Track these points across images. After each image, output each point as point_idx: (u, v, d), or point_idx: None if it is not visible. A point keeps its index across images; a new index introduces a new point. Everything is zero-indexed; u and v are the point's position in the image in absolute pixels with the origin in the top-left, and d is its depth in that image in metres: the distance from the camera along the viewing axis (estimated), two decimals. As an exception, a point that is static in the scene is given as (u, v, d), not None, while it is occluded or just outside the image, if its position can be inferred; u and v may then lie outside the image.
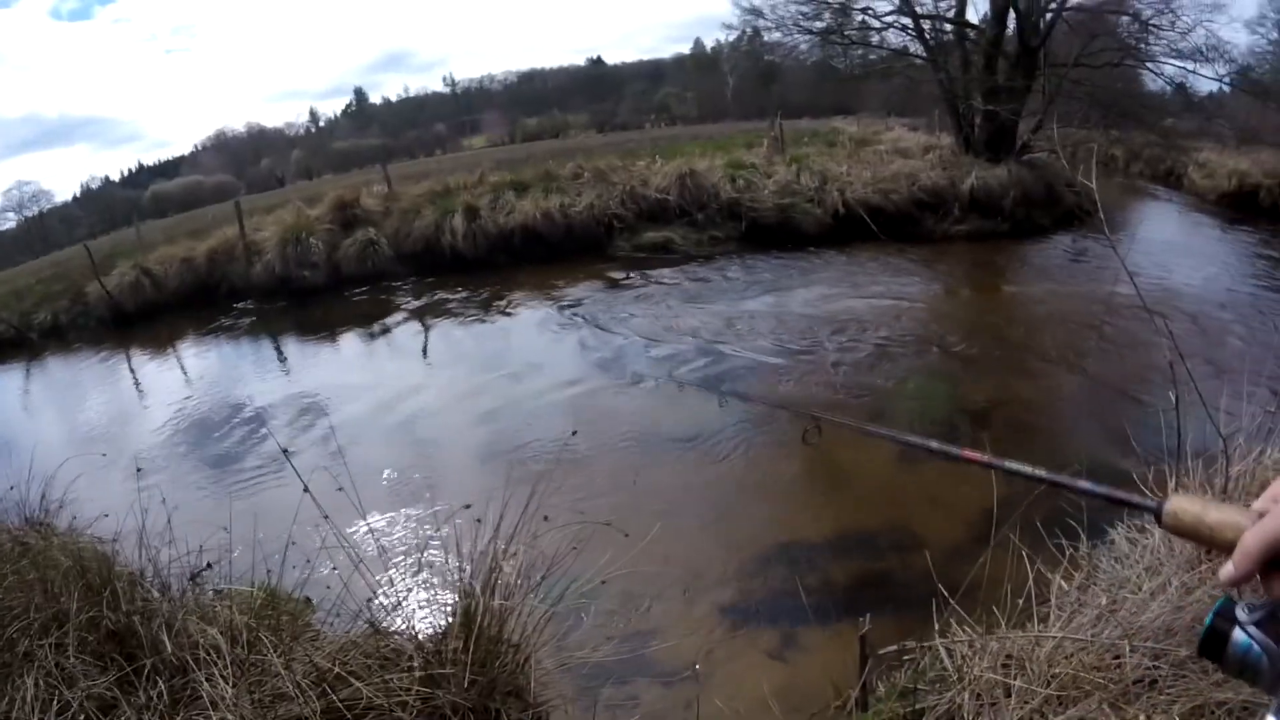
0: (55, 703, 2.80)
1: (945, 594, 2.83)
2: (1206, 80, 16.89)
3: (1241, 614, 0.78)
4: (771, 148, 17.00)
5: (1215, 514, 0.80)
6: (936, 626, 2.85)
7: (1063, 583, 2.89)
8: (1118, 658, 2.43)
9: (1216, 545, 0.79)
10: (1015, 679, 2.47)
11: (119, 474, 6.62)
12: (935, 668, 2.82)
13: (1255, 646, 0.77)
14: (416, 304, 12.90)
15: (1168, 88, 17.79)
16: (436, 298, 13.02)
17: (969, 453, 1.13)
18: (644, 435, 6.62)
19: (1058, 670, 2.45)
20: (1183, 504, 0.83)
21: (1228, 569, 0.77)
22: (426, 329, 11.48)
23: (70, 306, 15.47)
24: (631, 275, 12.75)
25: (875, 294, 10.75)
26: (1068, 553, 3.10)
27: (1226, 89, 18.28)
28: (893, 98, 24.27)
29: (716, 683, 3.73)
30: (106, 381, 11.61)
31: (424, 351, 10.73)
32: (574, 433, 5.89)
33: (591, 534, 4.12)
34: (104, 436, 8.48)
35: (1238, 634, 0.78)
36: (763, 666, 3.83)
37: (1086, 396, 6.99)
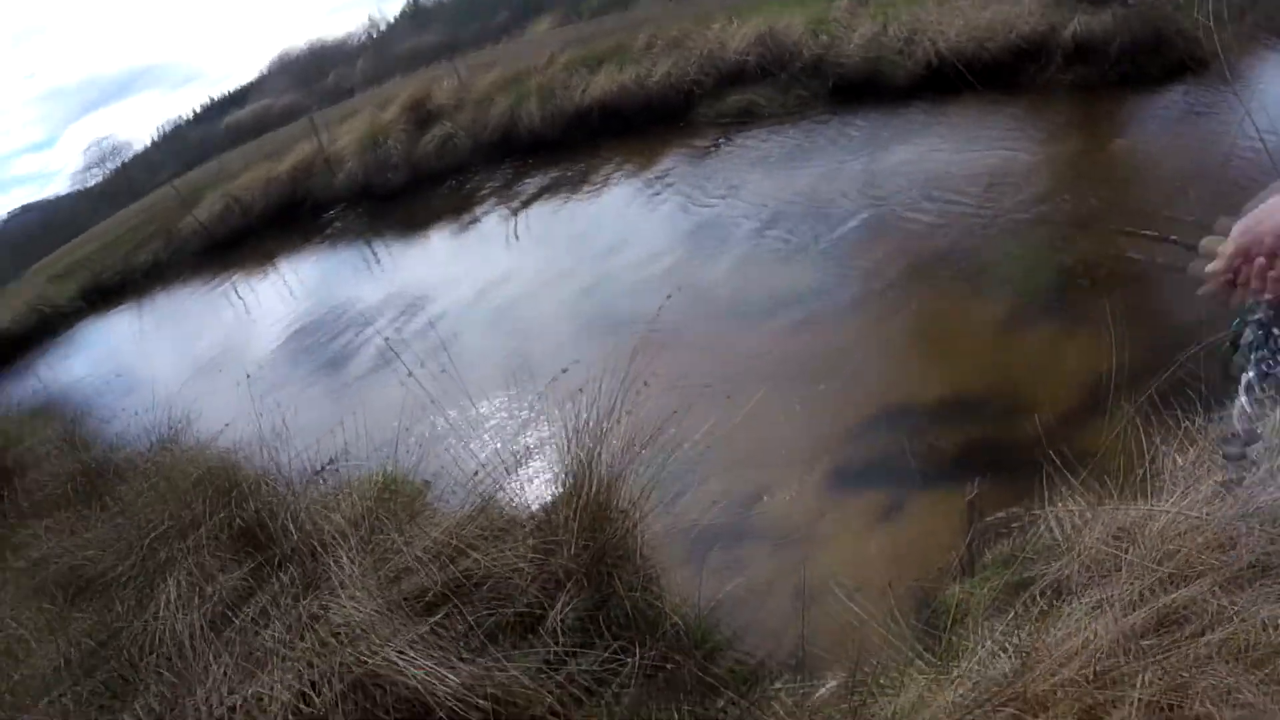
0: (197, 598, 2.93)
1: (1056, 462, 2.73)
2: None
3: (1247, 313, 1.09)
4: (854, 1, 16.09)
5: (1216, 244, 1.02)
6: (1046, 495, 2.75)
7: (1177, 457, 2.68)
8: (1232, 539, 2.28)
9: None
10: (1127, 553, 2.35)
11: (236, 387, 6.84)
12: (1043, 537, 2.74)
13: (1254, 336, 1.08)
14: (501, 192, 12.82)
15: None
16: (519, 183, 12.91)
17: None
18: (741, 301, 6.48)
19: (1170, 547, 2.33)
20: (1209, 240, 1.05)
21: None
22: (513, 215, 11.40)
23: (166, 245, 16.08)
24: (715, 142, 12.32)
25: (973, 149, 10.09)
26: (1184, 425, 2.85)
27: None
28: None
29: (821, 546, 3.69)
30: (212, 307, 12.05)
31: (513, 237, 10.66)
32: (669, 296, 5.78)
33: (694, 399, 4.07)
34: (219, 355, 8.81)
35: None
36: (868, 530, 3.76)
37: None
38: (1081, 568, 2.46)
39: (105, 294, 16.02)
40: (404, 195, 14.16)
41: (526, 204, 11.69)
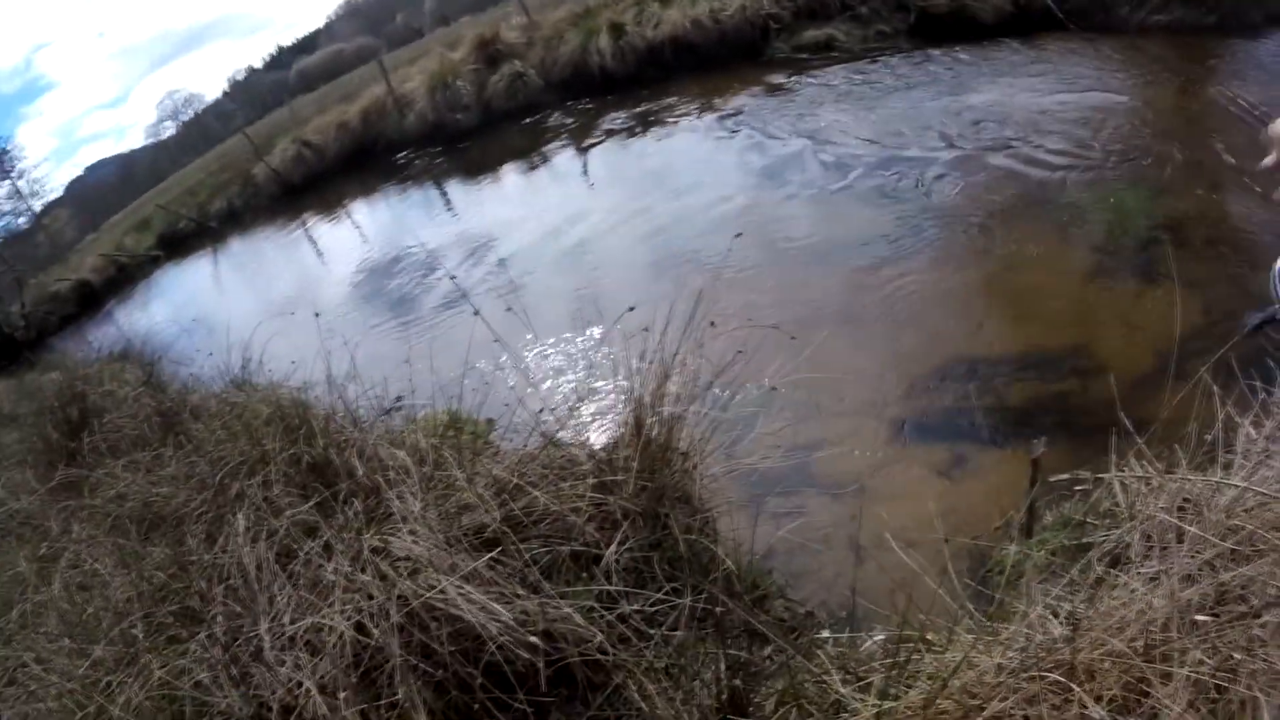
0: (265, 531, 2.99)
1: (1126, 425, 2.59)
2: None
3: None
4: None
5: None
6: (1114, 459, 2.61)
7: (1251, 430, 2.51)
8: None
9: None
10: (1190, 524, 2.23)
11: (307, 328, 6.96)
12: (1105, 503, 2.65)
13: None
14: (571, 130, 12.74)
15: None
16: (591, 121, 12.77)
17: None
18: (812, 243, 6.33)
19: (1235, 523, 2.21)
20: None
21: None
22: (584, 154, 11.35)
23: (241, 191, 16.46)
24: (792, 79, 11.92)
25: (1061, 92, 9.59)
26: (1260, 397, 2.69)
27: None
28: None
29: (881, 496, 3.62)
30: (286, 251, 12.30)
31: (584, 177, 10.64)
32: (738, 235, 5.68)
33: (760, 342, 3.98)
34: (292, 298, 9.00)
35: None
36: (929, 483, 3.68)
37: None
38: (1142, 537, 2.37)
39: (182, 241, 16.51)
40: (475, 135, 14.19)
41: (598, 143, 11.60)
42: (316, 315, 5.45)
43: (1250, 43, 12.16)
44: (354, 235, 11.42)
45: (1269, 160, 0.69)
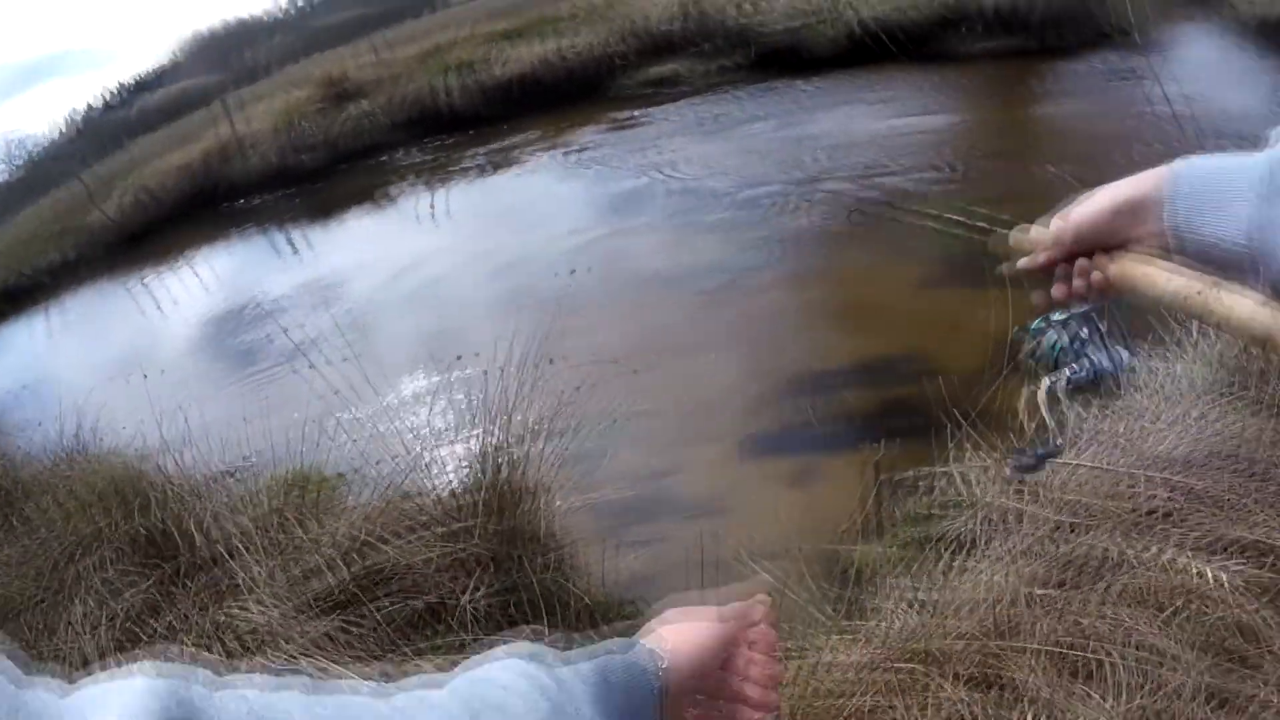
0: (104, 616, 2.88)
1: (960, 419, 2.82)
2: None
3: (1054, 316, 0.97)
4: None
5: (1030, 235, 0.91)
6: (951, 453, 2.83)
7: (1080, 410, 2.75)
8: (1132, 487, 2.40)
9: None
10: (1027, 504, 2.45)
11: (143, 390, 6.67)
12: (948, 494, 2.82)
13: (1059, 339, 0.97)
14: (420, 170, 12.63)
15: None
16: (439, 160, 12.74)
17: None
18: (657, 273, 6.50)
19: (1070, 498, 2.44)
20: (1016, 230, 0.94)
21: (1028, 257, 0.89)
22: (433, 193, 11.22)
23: (76, 240, 15.45)
24: (637, 114, 12.29)
25: (894, 118, 10.17)
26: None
27: None
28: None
29: (737, 514, 3.73)
30: (122, 306, 11.63)
31: (433, 216, 10.51)
32: (572, 272, 5.77)
33: (604, 375, 4.07)
34: (129, 357, 8.53)
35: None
36: (782, 496, 3.80)
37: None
38: (984, 522, 2.54)
39: (13, 298, 15.42)
40: (322, 177, 13.83)
41: (446, 181, 11.54)
42: (145, 377, 5.23)
43: (1070, 62, 13.15)
44: (196, 286, 10.94)
45: (1029, 261, 0.66)
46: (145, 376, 5.44)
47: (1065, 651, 1.96)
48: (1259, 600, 1.98)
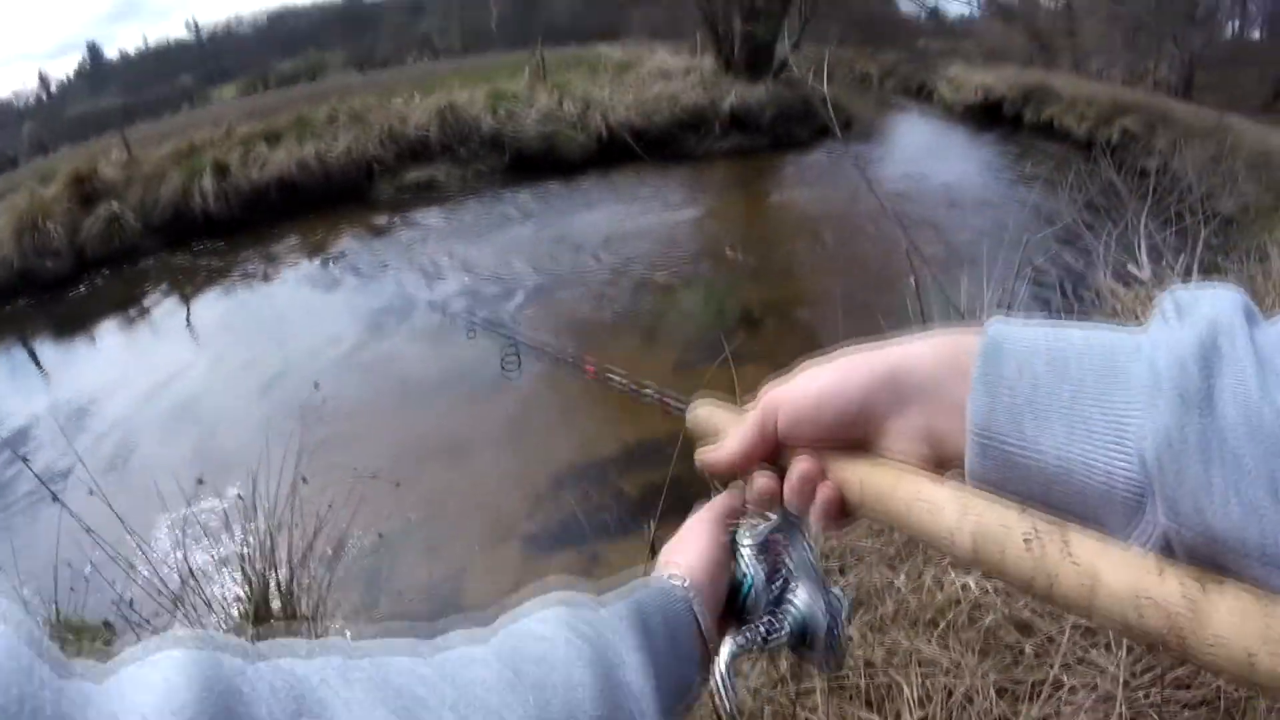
0: None
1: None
2: (957, 5, 18.17)
3: (744, 537, 0.68)
4: (535, 76, 16.78)
5: (726, 414, 0.69)
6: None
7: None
8: (892, 529, 2.58)
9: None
10: None
11: None
12: None
13: (750, 576, 0.66)
14: (174, 278, 11.91)
15: (920, 11, 18.98)
16: (194, 268, 12.13)
17: (589, 365, 1.12)
18: (415, 381, 6.53)
19: (833, 543, 2.61)
20: (706, 405, 0.73)
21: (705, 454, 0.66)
22: (187, 304, 10.69)
23: None
24: (395, 219, 12.40)
25: (642, 215, 10.95)
26: None
27: (975, 13, 19.69)
28: (656, 21, 24.68)
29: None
30: None
31: (188, 328, 9.99)
32: (316, 385, 5.69)
33: (368, 489, 4.02)
34: None
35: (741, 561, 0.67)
36: (570, 586, 3.87)
37: (844, 291, 7.37)
38: None
39: None
40: (68, 284, 12.52)
41: (202, 291, 11.01)
42: None
43: (800, 154, 14.60)
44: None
45: (714, 455, 0.61)
46: None
47: (847, 685, 2.06)
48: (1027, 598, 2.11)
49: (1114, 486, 0.43)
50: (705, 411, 0.72)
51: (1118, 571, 0.40)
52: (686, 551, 0.68)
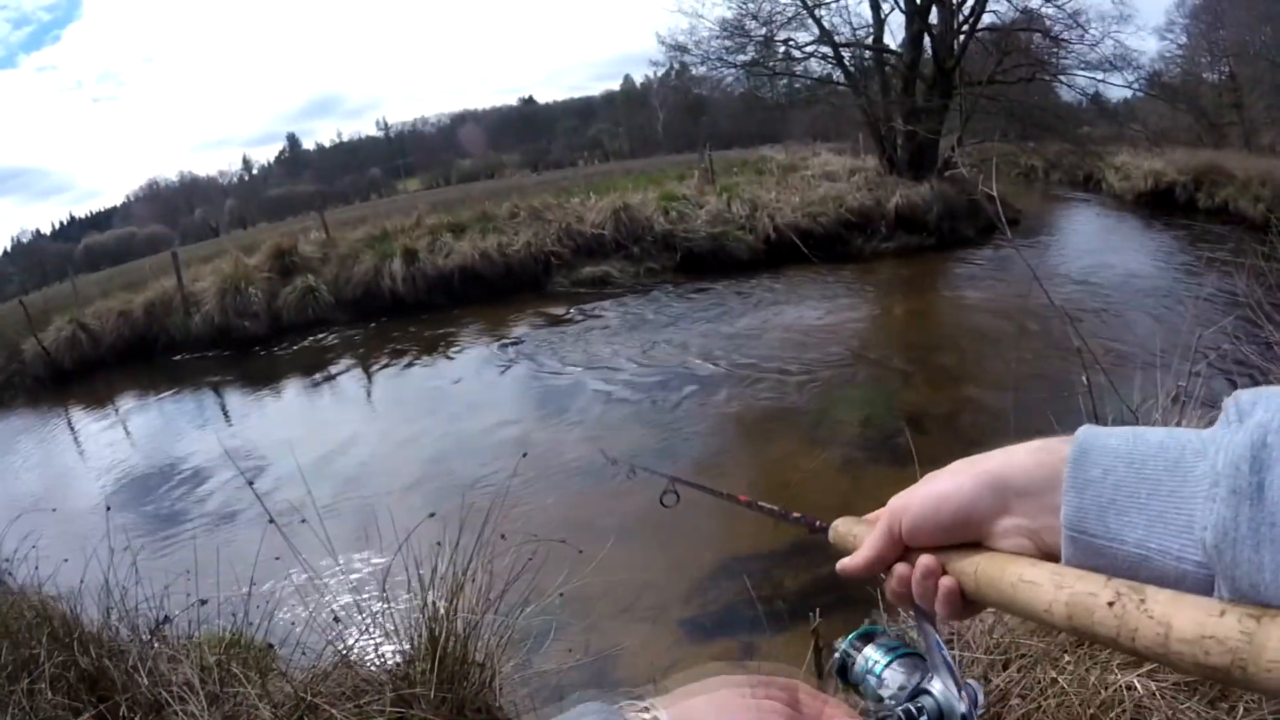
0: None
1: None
2: (1118, 88, 17.80)
3: (875, 650, 0.75)
4: (702, 178, 17.38)
5: (861, 526, 0.77)
6: (884, 615, 3.05)
7: None
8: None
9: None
10: (956, 649, 2.62)
11: (68, 531, 6.57)
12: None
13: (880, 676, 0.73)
14: (358, 350, 12.89)
15: (1081, 98, 18.70)
16: (378, 342, 13.05)
17: (742, 497, 1.21)
18: (590, 462, 6.75)
19: (996, 638, 2.64)
20: (844, 522, 0.82)
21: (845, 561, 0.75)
22: (369, 374, 11.49)
23: (6, 364, 15.14)
24: (571, 310, 12.93)
25: (810, 315, 11.08)
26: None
27: (1138, 95, 19.20)
28: (818, 124, 25.08)
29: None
30: (48, 441, 11.38)
31: (367, 397, 10.75)
32: (524, 455, 6.02)
33: (548, 554, 4.28)
34: (47, 497, 8.37)
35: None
36: (722, 672, 3.94)
37: (1015, 391, 7.27)
38: None
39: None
40: (261, 344, 14.01)
41: (385, 365, 11.79)
42: (54, 511, 5.20)
43: (967, 253, 14.42)
44: (123, 436, 10.74)
45: (850, 563, 0.73)
46: (109, 509, 5.44)
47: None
48: (1193, 700, 2.16)
49: (1185, 570, 0.49)
50: (843, 527, 0.82)
51: (1185, 617, 0.46)
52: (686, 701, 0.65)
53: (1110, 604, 0.50)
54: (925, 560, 0.65)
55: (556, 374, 9.73)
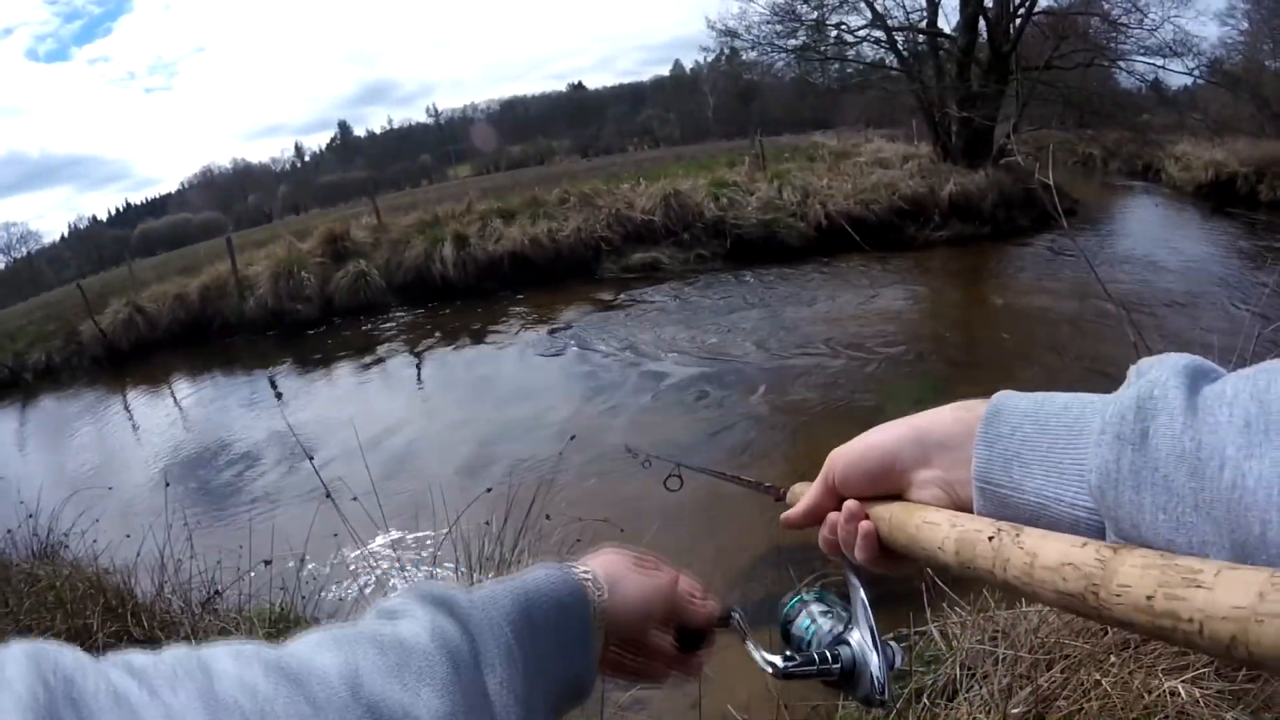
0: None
1: (936, 580, 2.94)
2: (1178, 75, 17.30)
3: (808, 594, 0.84)
4: (753, 165, 17.23)
5: (806, 484, 0.81)
6: (928, 612, 2.99)
7: None
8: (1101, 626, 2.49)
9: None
10: (1001, 648, 2.61)
11: (123, 507, 6.73)
12: (931, 649, 2.95)
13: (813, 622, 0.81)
14: (409, 334, 13.01)
15: (1140, 84, 18.24)
16: (429, 327, 13.15)
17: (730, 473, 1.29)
18: (627, 449, 6.72)
19: (1041, 638, 2.58)
20: (799, 485, 0.86)
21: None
22: (420, 358, 11.59)
23: (64, 346, 15.63)
24: (620, 296, 12.93)
25: (862, 304, 10.94)
26: None
27: (1199, 82, 18.69)
28: (870, 109, 24.77)
29: (719, 682, 3.86)
30: (104, 420, 11.66)
31: (418, 380, 10.83)
32: (572, 437, 6.02)
33: (593, 533, 4.29)
34: (103, 474, 8.56)
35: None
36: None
37: (1067, 385, 7.14)
38: (962, 668, 2.70)
39: (-8, 387, 15.41)
40: (314, 327, 14.25)
41: (433, 348, 11.90)
42: (109, 488, 5.33)
43: (1022, 243, 14.16)
44: (178, 416, 11.01)
45: (792, 512, 0.79)
46: (168, 485, 5.56)
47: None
48: (1236, 710, 2.13)
49: (1078, 517, 0.52)
50: (798, 489, 0.86)
51: (1051, 548, 0.49)
52: (627, 574, 0.79)
53: (990, 539, 0.54)
54: (850, 504, 0.70)
55: (606, 360, 9.73)
